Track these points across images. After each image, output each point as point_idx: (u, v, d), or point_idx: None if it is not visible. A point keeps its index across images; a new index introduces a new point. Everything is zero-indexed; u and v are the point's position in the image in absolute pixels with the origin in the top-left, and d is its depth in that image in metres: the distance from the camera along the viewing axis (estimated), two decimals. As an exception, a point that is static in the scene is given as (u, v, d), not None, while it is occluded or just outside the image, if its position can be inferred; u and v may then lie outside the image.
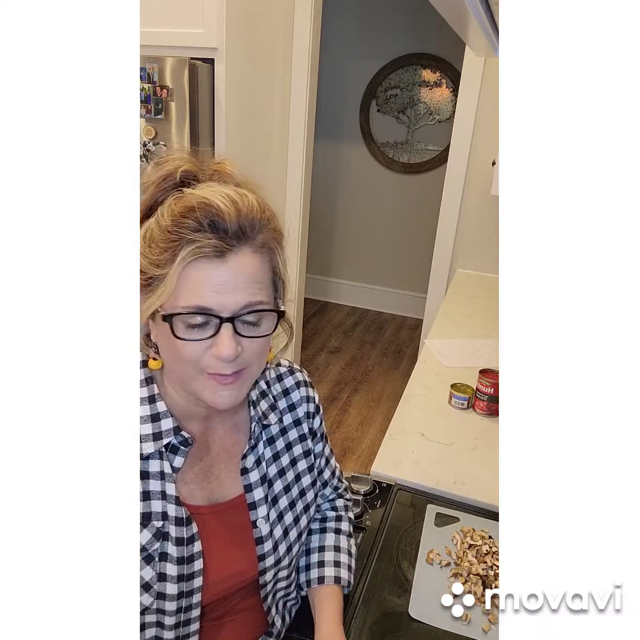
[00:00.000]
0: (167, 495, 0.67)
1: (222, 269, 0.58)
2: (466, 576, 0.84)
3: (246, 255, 0.60)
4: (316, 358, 3.39)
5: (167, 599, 0.66)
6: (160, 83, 1.83)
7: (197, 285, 0.58)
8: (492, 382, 1.28)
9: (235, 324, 0.59)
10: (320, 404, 0.86)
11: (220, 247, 0.58)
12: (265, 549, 0.74)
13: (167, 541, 0.66)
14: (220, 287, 0.58)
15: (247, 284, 0.60)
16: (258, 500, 0.74)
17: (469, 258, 2.45)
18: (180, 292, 0.58)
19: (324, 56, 2.94)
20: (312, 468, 0.82)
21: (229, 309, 0.59)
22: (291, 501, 0.78)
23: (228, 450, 0.75)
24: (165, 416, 0.68)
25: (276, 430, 0.79)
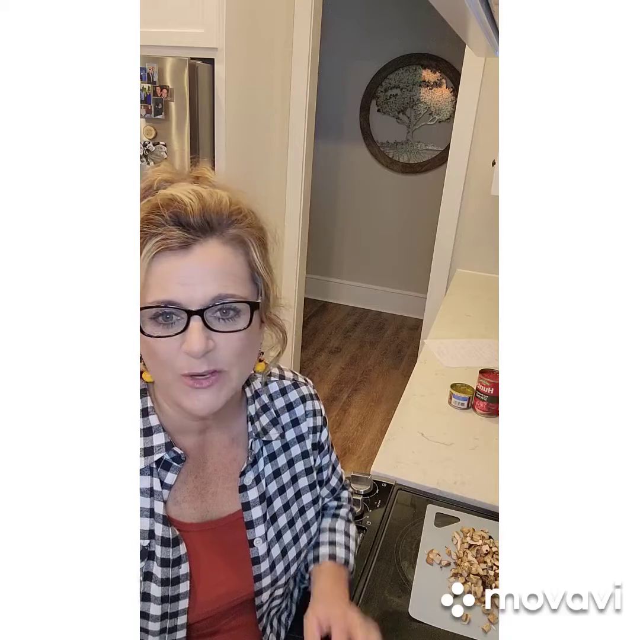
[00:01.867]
0: (155, 513, 0.65)
1: (187, 260, 0.56)
2: (466, 576, 0.84)
3: (214, 247, 0.58)
4: (316, 358, 3.39)
5: (150, 619, 0.64)
6: (160, 83, 1.83)
7: (162, 279, 0.56)
8: (492, 382, 1.28)
9: (206, 317, 0.56)
10: (326, 416, 0.83)
11: (183, 238, 0.56)
12: (261, 569, 0.72)
13: (152, 560, 0.64)
14: (187, 279, 0.56)
15: (216, 275, 0.57)
16: (256, 519, 0.72)
17: (469, 258, 2.45)
18: (148, 288, 0.56)
19: (324, 56, 2.93)
20: (313, 485, 0.80)
21: (197, 301, 0.56)
22: (290, 519, 0.76)
23: (226, 466, 0.73)
24: (157, 430, 0.66)
25: (278, 445, 0.76)
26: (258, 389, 0.77)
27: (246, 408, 0.74)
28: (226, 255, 0.58)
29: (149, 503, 0.65)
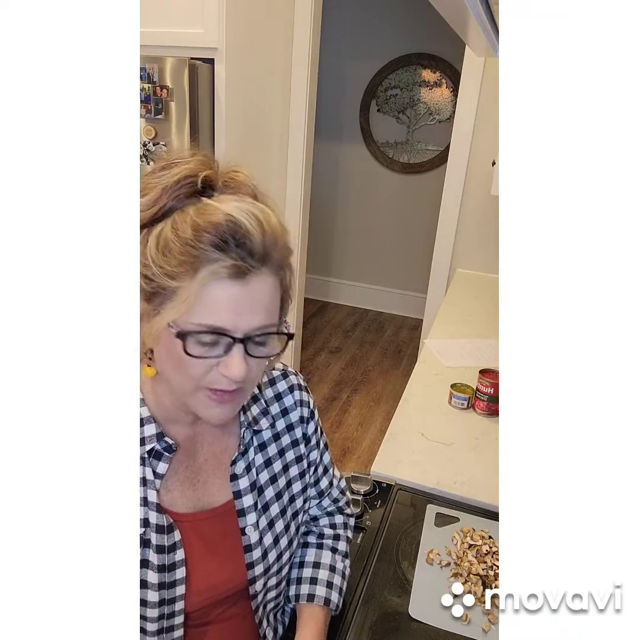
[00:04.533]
0: (149, 501, 0.66)
1: (242, 290, 0.56)
2: (466, 576, 0.84)
3: (266, 279, 0.58)
4: (316, 358, 3.39)
5: (148, 606, 0.66)
6: (160, 83, 1.83)
7: (214, 304, 0.56)
8: (492, 382, 1.28)
9: (247, 344, 0.58)
10: (315, 410, 0.83)
11: (244, 268, 0.55)
12: (254, 556, 0.73)
13: (148, 548, 0.66)
14: (238, 308, 0.56)
15: (265, 307, 0.59)
16: (247, 507, 0.73)
17: (469, 258, 2.45)
18: (196, 308, 0.56)
19: (324, 56, 2.93)
20: (303, 474, 0.81)
21: (242, 329, 0.57)
22: (282, 508, 0.77)
23: (217, 456, 0.74)
24: (148, 422, 0.67)
25: (268, 435, 0.77)
26: None
27: None
28: (274, 287, 0.60)
29: (142, 492, 0.66)
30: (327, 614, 0.80)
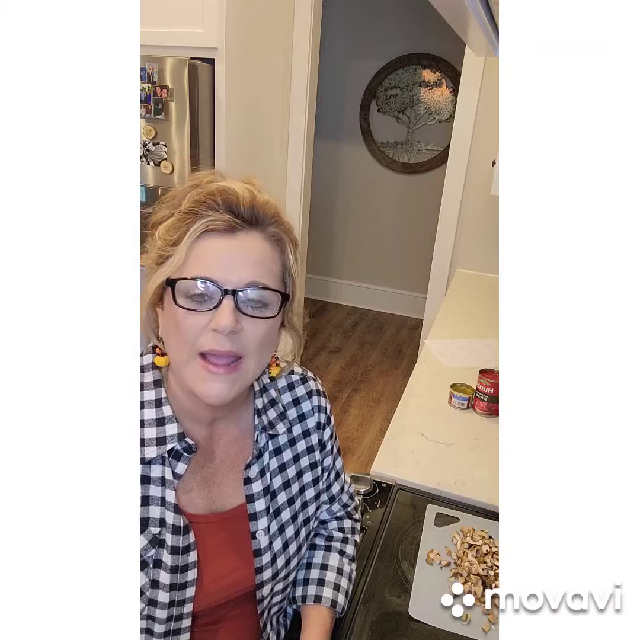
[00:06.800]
0: (167, 502, 0.66)
1: (231, 242, 0.60)
2: (466, 576, 0.84)
3: (256, 238, 0.62)
4: (316, 358, 3.39)
5: (158, 607, 0.65)
6: (160, 83, 1.83)
7: (204, 257, 0.60)
8: (492, 382, 1.28)
9: (238, 299, 0.59)
10: (331, 415, 0.83)
11: (231, 222, 0.59)
12: (263, 561, 0.72)
13: (162, 549, 0.66)
14: (227, 259, 0.60)
15: (254, 263, 0.61)
16: (259, 511, 0.73)
17: (469, 258, 2.45)
18: (188, 263, 0.60)
19: (324, 56, 2.94)
20: (317, 480, 0.81)
21: (232, 282, 0.59)
22: (294, 514, 0.77)
23: (232, 458, 0.73)
24: (170, 421, 0.67)
25: (284, 440, 0.77)
26: (266, 383, 0.78)
27: (253, 401, 0.75)
28: (265, 249, 0.62)
29: (161, 492, 0.66)
30: (333, 616, 0.79)
